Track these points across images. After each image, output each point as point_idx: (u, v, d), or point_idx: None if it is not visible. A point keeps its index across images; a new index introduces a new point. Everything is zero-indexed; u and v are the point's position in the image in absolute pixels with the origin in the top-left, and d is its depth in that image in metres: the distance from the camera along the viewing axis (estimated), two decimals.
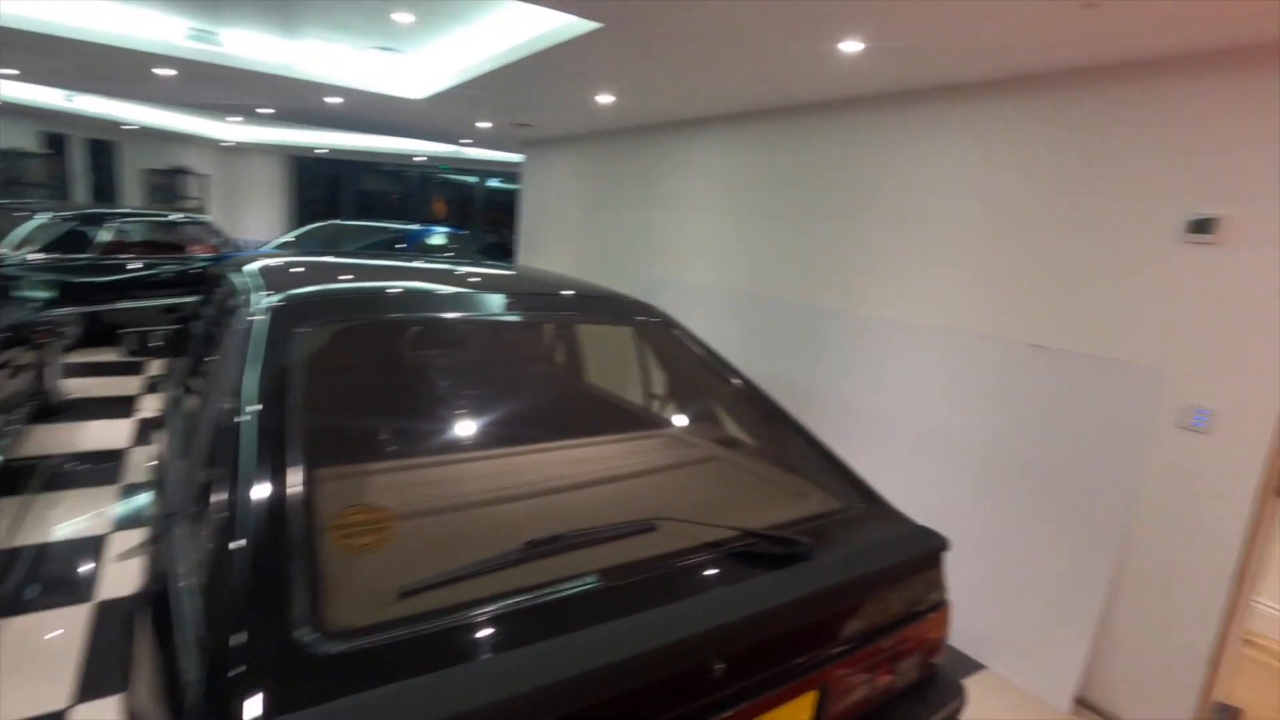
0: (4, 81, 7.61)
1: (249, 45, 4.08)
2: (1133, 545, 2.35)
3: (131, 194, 11.01)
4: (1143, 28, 2.02)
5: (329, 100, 4.90)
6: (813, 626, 1.26)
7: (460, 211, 14.07)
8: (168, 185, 11.41)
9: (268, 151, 12.08)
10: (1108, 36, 2.13)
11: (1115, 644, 2.40)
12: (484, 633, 0.99)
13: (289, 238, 7.21)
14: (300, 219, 12.12)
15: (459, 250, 7.97)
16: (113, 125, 9.48)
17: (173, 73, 4.35)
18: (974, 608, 2.70)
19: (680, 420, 2.09)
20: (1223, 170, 2.17)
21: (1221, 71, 2.16)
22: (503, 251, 9.30)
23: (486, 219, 13.46)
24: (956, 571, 2.92)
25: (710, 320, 4.23)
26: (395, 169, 14.02)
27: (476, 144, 7.73)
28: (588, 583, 1.12)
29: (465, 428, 1.76)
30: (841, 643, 1.30)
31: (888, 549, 1.42)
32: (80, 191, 10.20)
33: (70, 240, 6.12)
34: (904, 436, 3.06)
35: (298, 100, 5.13)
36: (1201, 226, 2.18)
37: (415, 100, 4.45)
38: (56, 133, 9.75)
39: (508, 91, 4.01)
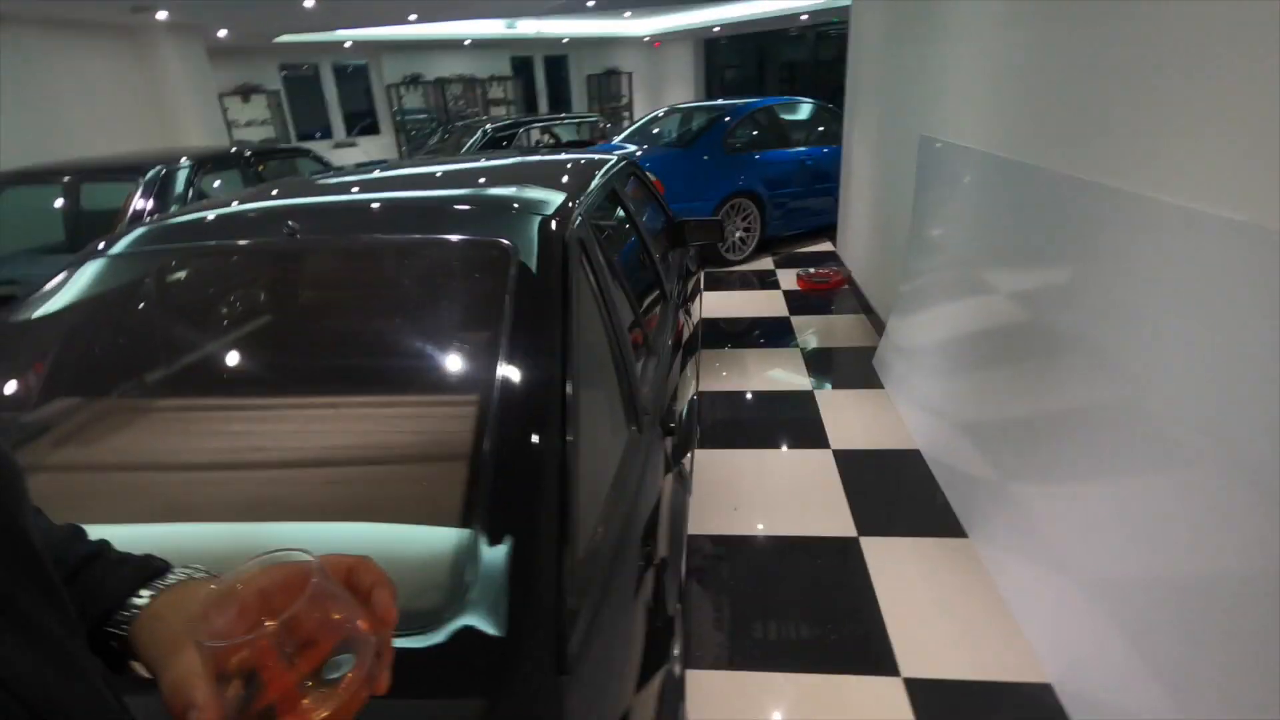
0: (477, 23, 9.74)
1: None
2: None
3: (579, 100, 13.06)
4: None
5: None
6: None
7: None
8: (601, 87, 13.10)
9: (680, 39, 12.59)
10: None
11: None
12: None
13: (636, 126, 7.49)
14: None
15: (827, 127, 6.97)
16: (556, 41, 11.23)
17: None
18: None
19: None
20: None
21: None
22: None
23: None
24: None
25: (972, 214, 2.79)
26: (812, 35, 13.02)
27: None
28: None
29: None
30: None
31: None
32: (542, 104, 12.59)
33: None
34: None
35: None
36: None
37: None
38: (524, 56, 12.10)
39: None
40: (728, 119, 6.30)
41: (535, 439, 1.03)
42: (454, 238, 1.44)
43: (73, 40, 5.35)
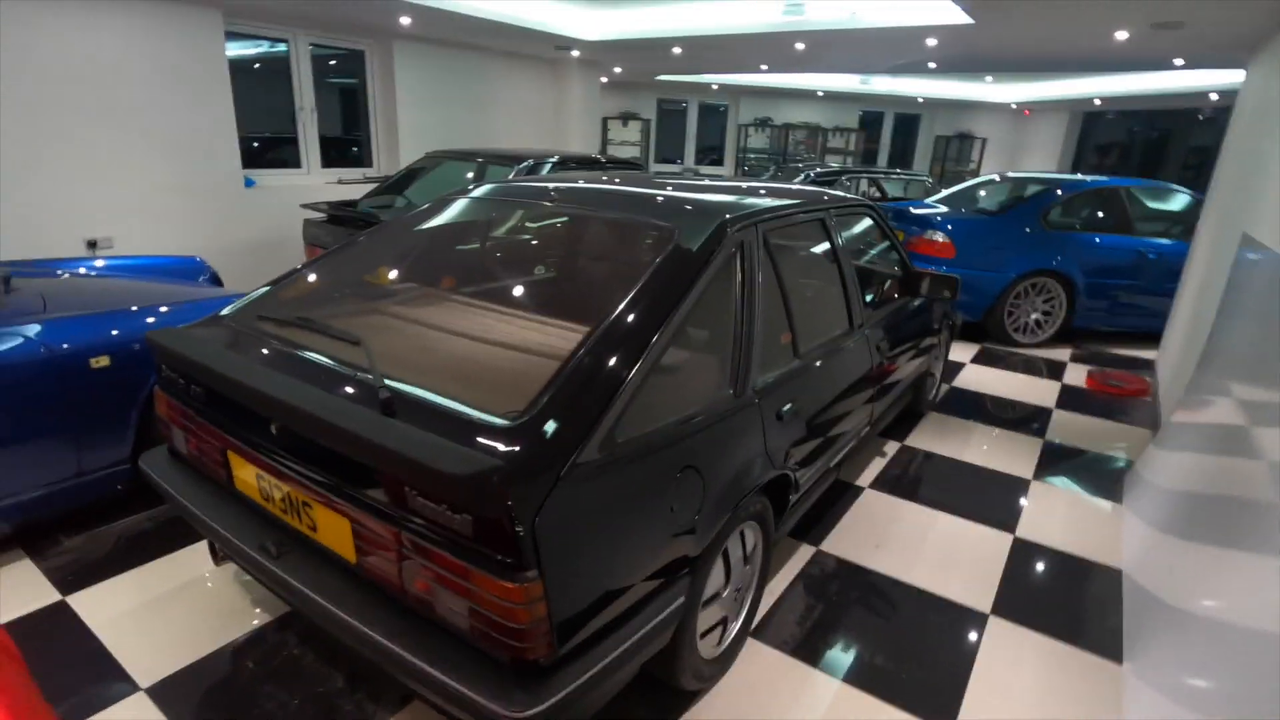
0: (832, 76, 10.30)
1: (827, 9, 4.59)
2: None
3: (923, 160, 12.72)
4: None
5: (929, 42, 4.82)
6: None
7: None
8: (949, 150, 12.56)
9: (1052, 109, 11.44)
10: None
11: None
12: None
13: (958, 189, 7.17)
14: None
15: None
16: (910, 100, 11.18)
17: (802, 46, 5.28)
18: None
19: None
20: None
21: None
22: None
23: None
24: None
25: None
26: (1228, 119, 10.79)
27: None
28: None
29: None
30: None
31: None
32: (882, 158, 12.58)
33: None
34: None
35: (901, 47, 5.21)
36: None
37: (962, 25, 3.95)
38: (876, 111, 12.25)
39: None
40: (1058, 192, 5.80)
41: (618, 353, 1.46)
42: (637, 218, 1.95)
43: (514, 66, 7.28)
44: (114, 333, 2.37)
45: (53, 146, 4.24)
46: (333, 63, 6.28)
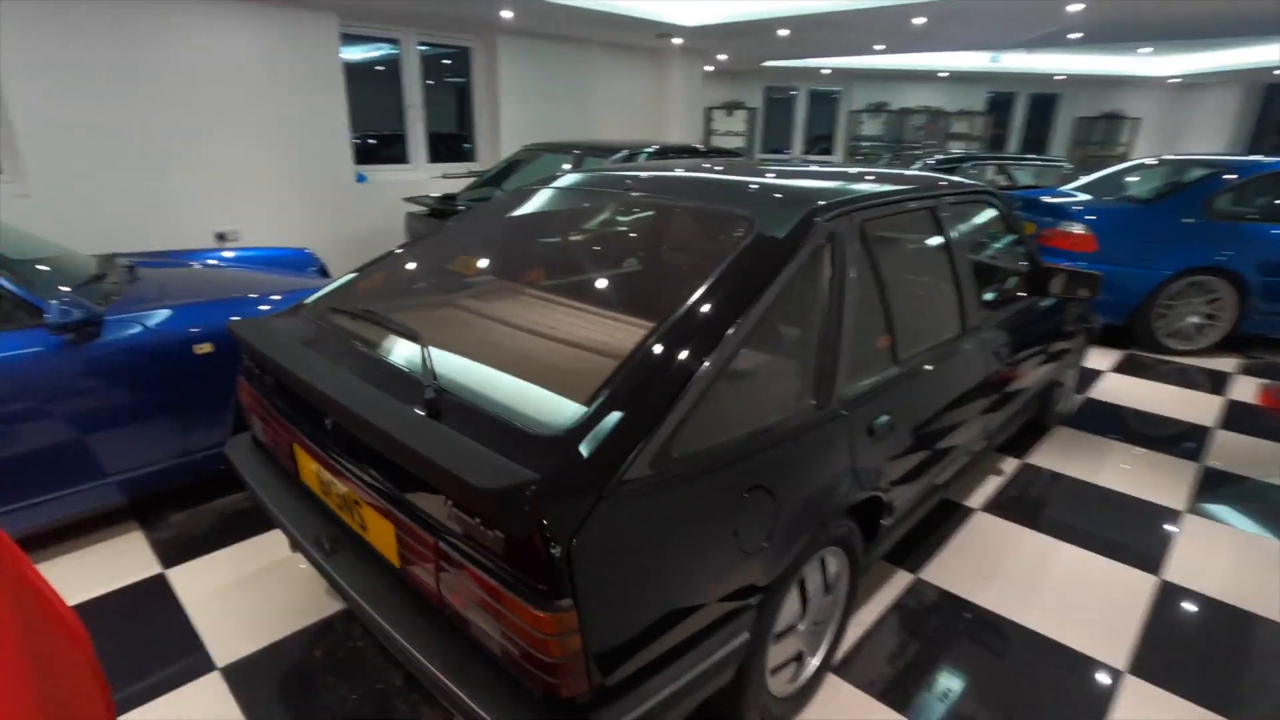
0: (956, 56, 9.51)
1: None
2: None
3: (1061, 144, 11.49)
4: None
5: (1071, 9, 4.25)
6: None
7: None
8: (1093, 132, 11.25)
9: (1227, 82, 9.92)
10: None
11: None
12: None
13: (1104, 174, 6.35)
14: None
15: None
16: (1047, 78, 10.11)
17: (922, 21, 4.82)
18: None
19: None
20: None
21: None
22: None
23: None
24: None
25: None
26: None
27: None
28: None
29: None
30: None
31: None
32: (1013, 143, 11.49)
33: None
34: None
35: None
36: None
37: None
38: (1006, 92, 11.18)
39: None
40: (1229, 176, 5.00)
41: (680, 356, 1.31)
42: (713, 206, 1.79)
43: (614, 57, 7.23)
44: (218, 321, 2.49)
45: (186, 145, 4.60)
46: (447, 62, 6.48)
